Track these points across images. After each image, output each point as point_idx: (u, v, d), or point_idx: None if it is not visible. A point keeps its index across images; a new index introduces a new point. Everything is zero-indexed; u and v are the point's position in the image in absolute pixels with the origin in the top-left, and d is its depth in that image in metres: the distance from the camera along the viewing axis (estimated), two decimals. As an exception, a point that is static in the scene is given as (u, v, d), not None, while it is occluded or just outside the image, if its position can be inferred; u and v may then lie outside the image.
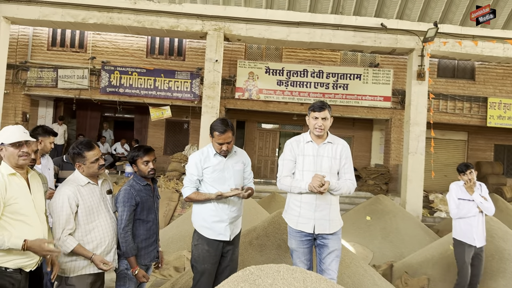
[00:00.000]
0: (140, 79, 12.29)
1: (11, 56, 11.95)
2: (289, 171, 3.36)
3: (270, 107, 12.55)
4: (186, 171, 3.33)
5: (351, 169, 3.35)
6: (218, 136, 3.22)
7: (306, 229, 3.25)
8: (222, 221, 3.28)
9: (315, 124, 3.25)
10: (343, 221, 7.30)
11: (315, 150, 3.30)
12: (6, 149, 2.52)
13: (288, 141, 3.47)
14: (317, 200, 3.22)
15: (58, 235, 2.70)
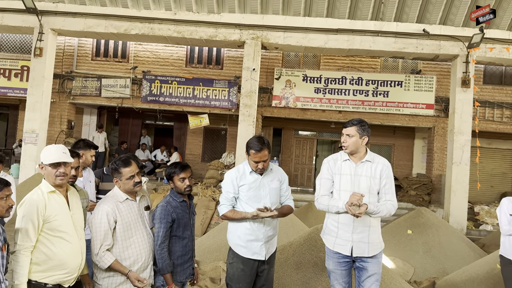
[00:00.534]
0: (179, 87, 12.51)
1: (57, 66, 12.49)
2: (326, 190, 3.26)
3: (307, 115, 12.43)
4: (222, 188, 3.32)
5: (392, 189, 3.19)
6: (254, 155, 3.19)
7: (344, 251, 3.14)
8: (257, 240, 3.23)
9: (343, 141, 3.22)
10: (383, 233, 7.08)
11: (353, 169, 3.20)
12: (45, 168, 2.59)
13: (325, 159, 3.38)
14: (355, 221, 3.10)
15: (96, 251, 2.74)
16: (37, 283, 2.45)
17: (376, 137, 13.86)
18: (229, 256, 3.26)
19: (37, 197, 2.49)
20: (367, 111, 12.14)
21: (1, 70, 12.54)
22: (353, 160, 3.22)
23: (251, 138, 3.31)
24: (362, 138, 3.19)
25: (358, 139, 3.17)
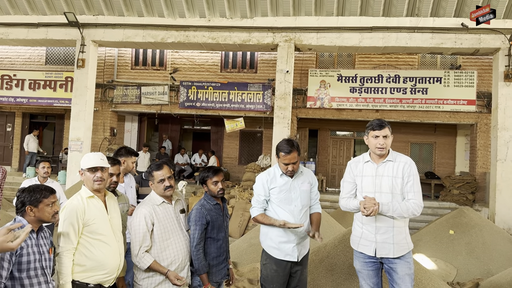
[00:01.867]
0: (215, 92, 12.74)
1: (99, 76, 13.03)
2: (348, 193, 3.27)
3: (343, 115, 12.31)
4: (254, 191, 3.38)
5: (415, 188, 3.09)
6: (284, 157, 3.24)
7: (367, 251, 3.13)
8: (289, 242, 3.27)
9: (376, 143, 3.11)
10: (424, 234, 6.94)
11: (374, 170, 3.17)
12: (84, 174, 2.76)
13: (349, 162, 3.37)
14: (377, 222, 3.08)
15: (135, 252, 2.88)
16: (80, 283, 2.61)
17: (417, 135, 13.51)
18: (263, 257, 3.33)
19: (76, 202, 2.66)
20: (405, 109, 11.87)
21: (48, 82, 13.24)
22: (375, 161, 3.19)
23: (280, 141, 3.36)
24: (391, 138, 3.17)
25: (391, 138, 3.15)
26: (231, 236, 8.40)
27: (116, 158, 3.63)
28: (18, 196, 2.42)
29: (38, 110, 14.97)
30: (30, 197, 2.35)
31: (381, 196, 3.08)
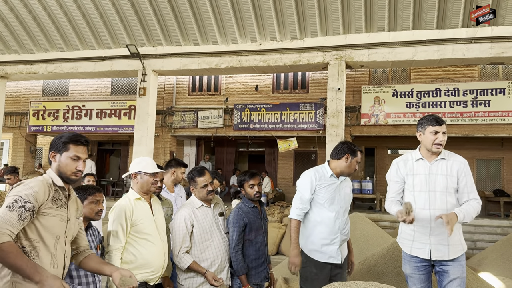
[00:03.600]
0: (267, 114, 12.95)
1: (159, 103, 13.77)
2: (394, 192, 3.20)
3: (400, 131, 11.93)
4: (299, 189, 3.32)
5: (473, 187, 3.02)
6: (356, 159, 3.34)
7: (422, 254, 3.00)
8: (332, 244, 3.25)
9: (436, 139, 3.00)
10: (490, 252, 6.48)
11: (427, 168, 3.07)
12: (141, 177, 2.95)
13: (394, 160, 3.30)
14: (432, 222, 2.96)
15: (176, 252, 3.03)
16: None
17: (482, 151, 12.74)
18: (302, 261, 3.29)
19: (125, 203, 2.85)
20: (467, 122, 11.29)
21: (113, 111, 14.21)
22: (427, 158, 3.09)
23: (344, 143, 3.42)
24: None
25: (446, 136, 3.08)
26: (284, 254, 8.34)
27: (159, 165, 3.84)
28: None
29: (105, 137, 16.04)
30: (78, 194, 2.54)
31: (436, 195, 2.99)
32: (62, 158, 2.14)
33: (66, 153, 2.14)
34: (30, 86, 15.98)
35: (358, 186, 12.47)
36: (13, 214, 1.88)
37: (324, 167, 3.40)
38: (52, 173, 2.15)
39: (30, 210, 1.93)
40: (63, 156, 2.14)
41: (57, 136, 2.20)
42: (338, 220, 3.27)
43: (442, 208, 2.97)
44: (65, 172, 2.13)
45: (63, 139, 2.16)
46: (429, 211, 2.99)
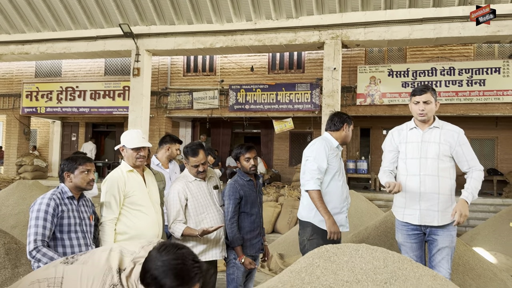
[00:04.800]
0: (263, 94, 12.88)
1: (153, 84, 13.65)
2: (388, 162, 3.26)
3: (396, 111, 11.92)
4: (314, 159, 3.23)
5: (472, 154, 3.06)
6: (351, 127, 3.43)
7: (412, 220, 3.05)
8: (342, 213, 3.30)
9: (417, 109, 3.08)
10: (482, 228, 6.56)
11: (420, 136, 3.11)
12: (126, 151, 2.94)
13: (390, 131, 3.32)
14: (422, 188, 3.01)
15: (169, 223, 3.07)
16: None
17: (476, 130, 12.78)
18: (307, 233, 3.26)
19: (117, 175, 2.85)
20: (462, 102, 11.29)
21: (107, 92, 14.07)
22: (420, 127, 3.14)
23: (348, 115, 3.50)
24: (436, 103, 3.11)
25: (434, 105, 3.08)
26: (280, 233, 8.40)
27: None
28: (60, 164, 2.66)
29: (100, 119, 15.93)
30: (68, 164, 2.59)
31: (427, 161, 3.04)
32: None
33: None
34: (22, 67, 15.77)
35: (353, 166, 12.52)
36: None
37: (327, 138, 3.41)
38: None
39: None
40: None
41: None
42: (345, 188, 3.34)
43: (433, 174, 3.01)
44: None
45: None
46: (419, 177, 3.04)
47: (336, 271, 1.66)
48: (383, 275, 1.66)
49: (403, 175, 3.13)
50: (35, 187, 7.40)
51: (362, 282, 1.63)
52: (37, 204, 2.45)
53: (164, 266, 1.58)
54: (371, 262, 1.56)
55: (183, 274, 1.60)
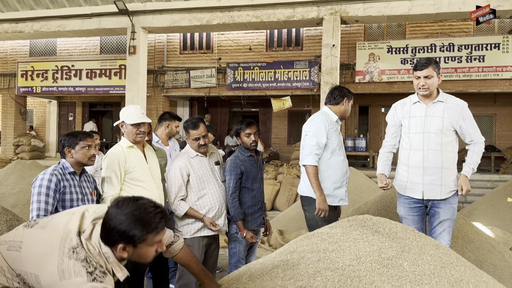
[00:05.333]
0: (261, 72, 12.77)
1: (150, 63, 13.48)
2: (390, 136, 3.28)
3: (394, 88, 11.87)
4: (314, 134, 3.22)
5: (474, 127, 3.07)
6: (351, 102, 3.42)
7: (415, 194, 3.07)
8: (342, 187, 3.33)
9: (418, 83, 3.05)
10: (480, 204, 6.63)
11: (423, 111, 3.09)
12: (126, 127, 2.91)
13: (393, 104, 3.29)
14: (425, 162, 3.02)
15: (172, 200, 3.06)
16: None
17: (475, 107, 12.66)
18: (312, 208, 3.25)
19: (117, 151, 2.84)
20: (461, 78, 11.23)
21: (103, 70, 13.92)
22: (424, 101, 3.12)
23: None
24: (439, 77, 3.07)
25: (436, 79, 3.05)
26: (279, 210, 8.47)
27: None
28: (60, 140, 2.62)
29: (96, 98, 15.80)
30: (68, 140, 2.56)
31: (430, 136, 3.04)
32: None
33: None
34: (16, 46, 15.54)
35: (352, 144, 12.54)
36: None
37: (327, 112, 3.38)
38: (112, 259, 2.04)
39: None
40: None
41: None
42: (345, 162, 3.36)
43: (436, 149, 3.01)
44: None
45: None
46: (423, 151, 3.05)
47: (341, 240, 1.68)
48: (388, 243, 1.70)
49: (406, 149, 3.14)
50: (33, 167, 7.40)
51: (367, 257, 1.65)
52: (38, 180, 2.44)
53: (128, 218, 1.58)
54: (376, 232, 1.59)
55: (150, 221, 1.62)
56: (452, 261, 1.72)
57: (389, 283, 1.62)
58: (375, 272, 1.68)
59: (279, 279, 1.70)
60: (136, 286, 3.02)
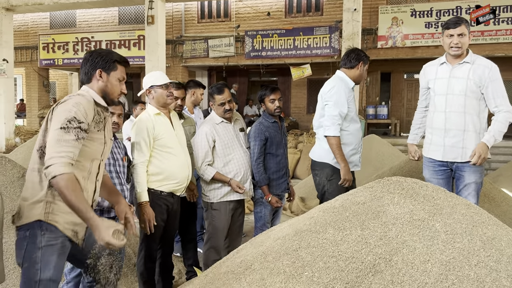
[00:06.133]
0: (280, 40, 12.57)
1: (168, 33, 13.40)
2: (421, 98, 3.26)
3: (418, 53, 11.55)
4: (335, 104, 3.18)
5: (501, 92, 2.90)
6: (366, 66, 3.36)
7: (436, 156, 3.05)
8: (357, 153, 3.34)
9: (451, 42, 2.92)
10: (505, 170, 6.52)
11: (449, 72, 3.00)
12: (155, 91, 2.91)
13: (424, 65, 3.23)
14: (447, 124, 2.98)
15: (199, 165, 3.13)
16: (155, 191, 2.88)
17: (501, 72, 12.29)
18: (326, 173, 3.28)
19: (145, 118, 2.88)
20: (487, 42, 10.83)
21: (122, 41, 13.94)
22: (450, 62, 3.02)
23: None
24: (469, 36, 2.96)
25: (467, 38, 2.94)
26: (300, 178, 8.53)
27: (181, 83, 3.82)
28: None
29: (116, 70, 15.87)
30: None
31: (453, 98, 2.96)
32: (110, 78, 1.99)
33: (115, 73, 2.00)
34: (37, 19, 15.64)
35: (373, 112, 12.38)
36: (69, 136, 1.75)
37: (344, 78, 3.31)
38: (93, 93, 1.98)
39: (85, 130, 1.82)
40: (112, 77, 1.99)
41: (100, 52, 2.02)
42: (361, 128, 3.37)
43: (459, 111, 2.94)
44: (111, 93, 2.01)
45: (113, 57, 2.00)
46: (445, 113, 2.99)
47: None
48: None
49: (431, 111, 3.11)
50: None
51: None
52: None
53: (103, 52, 2.03)
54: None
55: (120, 56, 2.07)
56: (484, 220, 1.72)
57: (421, 243, 1.64)
58: (406, 233, 1.70)
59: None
60: (166, 249, 3.12)
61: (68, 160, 1.74)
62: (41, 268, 1.81)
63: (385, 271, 1.58)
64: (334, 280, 1.61)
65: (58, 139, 1.75)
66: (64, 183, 1.71)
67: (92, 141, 1.91)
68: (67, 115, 1.78)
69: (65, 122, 1.77)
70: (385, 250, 1.64)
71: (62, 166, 1.71)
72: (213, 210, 3.17)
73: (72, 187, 1.72)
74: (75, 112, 1.80)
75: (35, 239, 1.81)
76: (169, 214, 2.97)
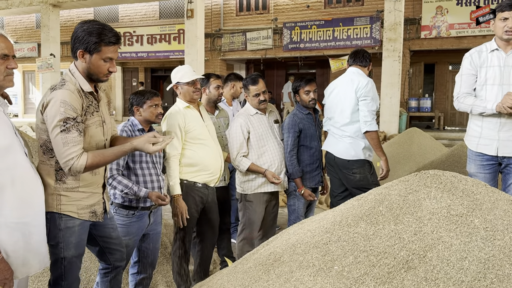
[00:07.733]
0: (319, 31, 12.39)
1: (207, 26, 13.54)
2: (469, 87, 2.93)
3: (464, 43, 11.04)
4: (372, 102, 3.23)
5: None
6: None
7: (488, 151, 2.84)
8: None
9: (505, 26, 2.69)
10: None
11: (502, 60, 2.78)
12: (181, 87, 2.97)
13: (467, 53, 3.02)
14: (502, 117, 2.77)
15: (234, 156, 3.14)
16: (188, 182, 2.92)
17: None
18: (367, 169, 3.34)
19: (176, 111, 2.93)
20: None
21: (163, 36, 14.23)
22: (504, 49, 2.80)
23: None
24: None
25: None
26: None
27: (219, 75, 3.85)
28: (129, 98, 2.73)
29: (157, 64, 16.25)
30: (136, 99, 2.64)
31: (509, 88, 2.76)
32: (93, 60, 1.93)
33: (98, 55, 1.92)
34: (82, 14, 16.24)
35: (416, 104, 11.99)
36: (72, 134, 1.85)
37: (364, 75, 3.33)
38: (78, 75, 1.97)
39: (82, 121, 1.91)
40: (94, 58, 1.93)
41: (83, 28, 1.92)
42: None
43: None
44: (96, 74, 1.97)
45: (93, 38, 1.89)
46: None
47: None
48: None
49: None
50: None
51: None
52: None
53: (88, 29, 1.90)
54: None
55: (104, 34, 1.90)
56: (528, 217, 1.62)
57: (458, 239, 1.57)
58: (442, 228, 1.63)
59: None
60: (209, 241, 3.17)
61: (80, 152, 1.88)
62: (64, 247, 1.97)
63: (419, 267, 1.52)
64: (365, 275, 1.56)
65: (64, 142, 1.85)
66: (91, 164, 1.89)
67: (88, 128, 1.98)
68: (60, 117, 1.84)
69: (62, 124, 1.84)
70: (419, 246, 1.58)
71: (79, 160, 1.86)
72: (247, 202, 3.18)
73: (98, 160, 1.91)
74: (65, 112, 1.84)
75: (55, 221, 1.96)
76: (205, 206, 3.01)
